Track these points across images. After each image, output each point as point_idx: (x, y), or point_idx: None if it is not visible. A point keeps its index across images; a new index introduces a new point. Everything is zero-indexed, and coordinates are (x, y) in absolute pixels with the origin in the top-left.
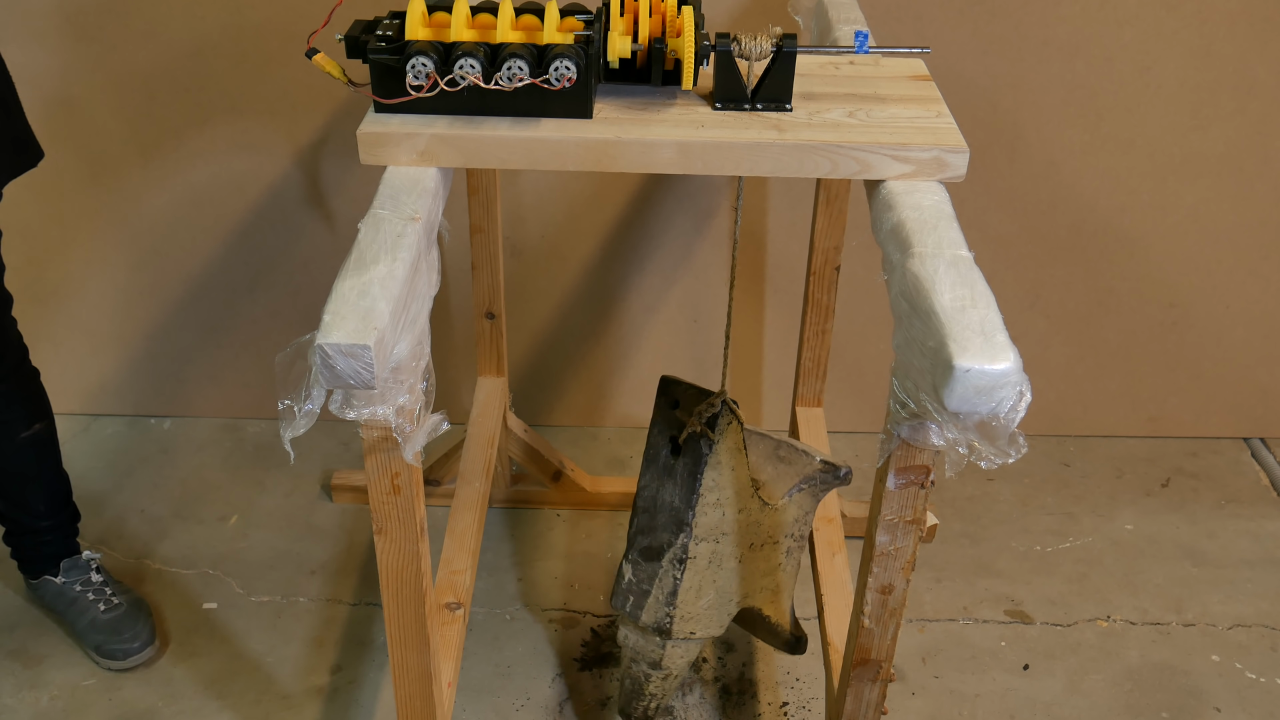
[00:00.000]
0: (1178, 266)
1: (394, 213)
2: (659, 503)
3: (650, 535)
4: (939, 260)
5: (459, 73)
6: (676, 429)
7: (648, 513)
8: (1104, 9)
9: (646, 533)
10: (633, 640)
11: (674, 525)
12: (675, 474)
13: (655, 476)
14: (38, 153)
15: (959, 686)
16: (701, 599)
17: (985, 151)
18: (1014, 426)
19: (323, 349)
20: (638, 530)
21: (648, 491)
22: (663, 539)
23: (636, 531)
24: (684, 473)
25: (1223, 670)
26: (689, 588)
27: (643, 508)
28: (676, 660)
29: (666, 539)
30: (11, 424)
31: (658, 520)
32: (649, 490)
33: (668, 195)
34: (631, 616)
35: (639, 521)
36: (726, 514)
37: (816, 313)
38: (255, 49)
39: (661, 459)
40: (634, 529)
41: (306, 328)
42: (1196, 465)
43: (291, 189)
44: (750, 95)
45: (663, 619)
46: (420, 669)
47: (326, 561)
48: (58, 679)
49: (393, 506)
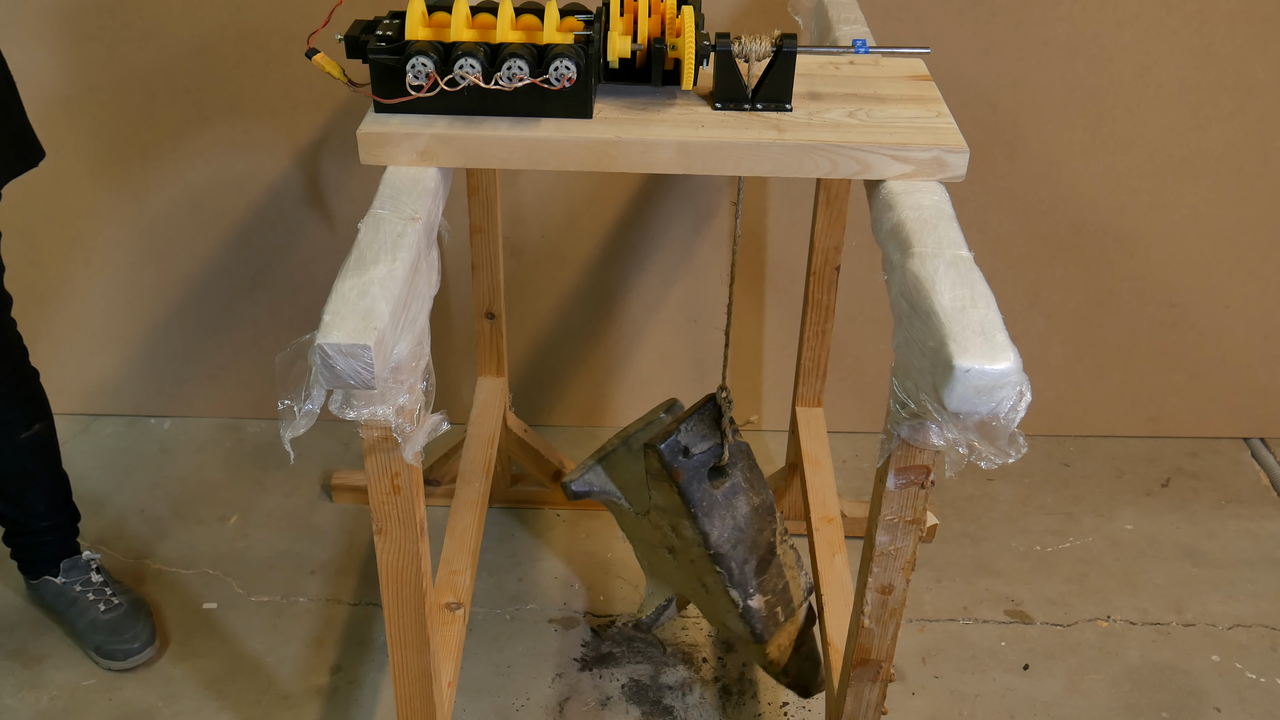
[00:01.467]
0: (1178, 266)
1: (394, 213)
2: (741, 534)
3: (748, 560)
4: (939, 260)
5: (459, 73)
6: (709, 454)
7: (732, 549)
8: (1104, 9)
9: (742, 564)
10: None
11: (761, 545)
12: (730, 493)
13: (716, 512)
14: (38, 153)
15: (959, 686)
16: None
17: (985, 151)
18: (1014, 426)
19: (323, 349)
20: (738, 567)
21: (719, 530)
22: (761, 550)
23: (737, 570)
24: (737, 487)
25: (1223, 670)
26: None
27: (724, 553)
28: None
29: (767, 543)
30: (11, 424)
31: (738, 552)
32: (720, 528)
33: (668, 195)
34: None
35: (733, 565)
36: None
37: (816, 313)
38: (255, 49)
39: (713, 494)
40: (733, 575)
41: (306, 328)
42: (1196, 465)
43: (291, 189)
44: (750, 95)
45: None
46: (420, 669)
47: (326, 561)
48: (58, 679)
49: (393, 506)
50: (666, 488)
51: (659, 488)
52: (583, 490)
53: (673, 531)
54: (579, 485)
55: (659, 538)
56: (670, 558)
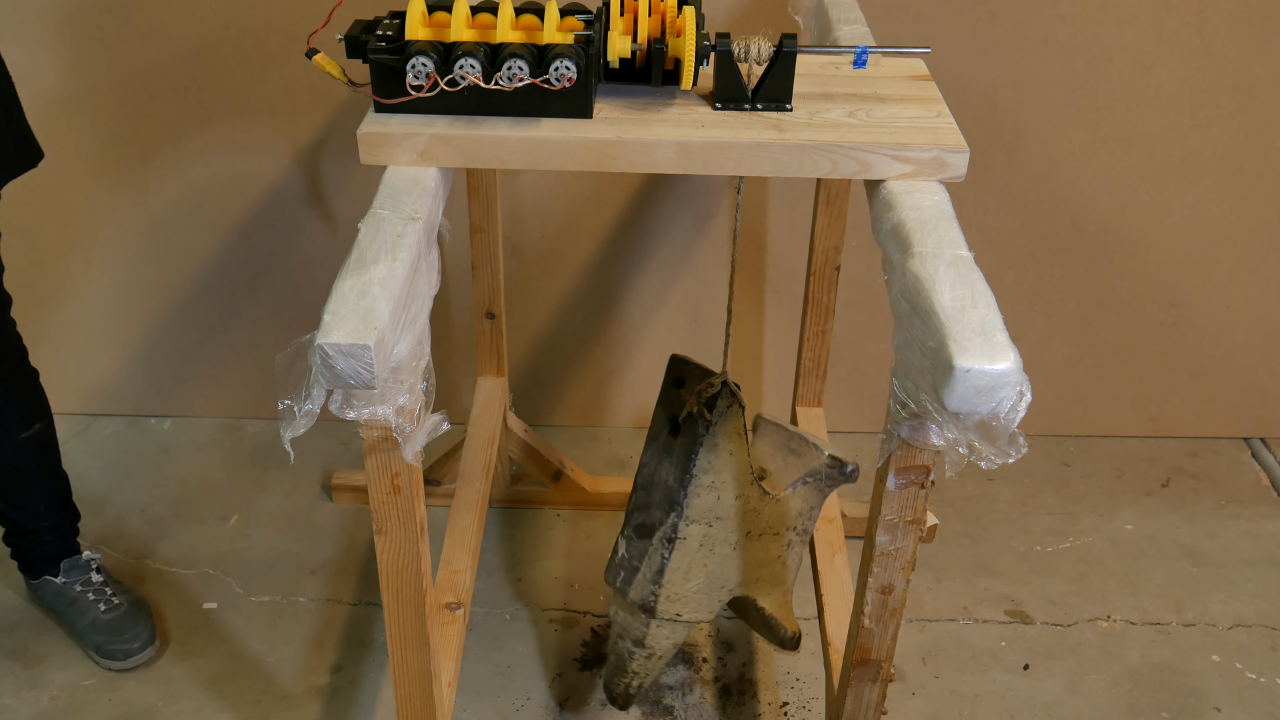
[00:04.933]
0: (1178, 266)
1: (394, 213)
2: (655, 480)
3: (645, 513)
4: (939, 260)
5: (459, 73)
6: (678, 408)
7: (645, 489)
8: (1104, 9)
9: (642, 509)
10: (621, 617)
11: (666, 504)
12: (672, 453)
13: (654, 455)
14: (38, 153)
15: (959, 686)
16: (690, 581)
17: (985, 151)
18: (1014, 426)
19: (323, 349)
20: (634, 506)
21: (647, 469)
22: (655, 517)
23: (633, 507)
24: (680, 453)
25: (1223, 670)
26: (677, 568)
27: (641, 484)
28: (661, 641)
29: (658, 517)
30: (11, 424)
31: (653, 498)
32: (648, 468)
33: (668, 195)
34: (620, 592)
35: (636, 498)
36: (722, 498)
37: (816, 313)
38: (255, 49)
39: (661, 438)
40: (631, 504)
41: (306, 328)
42: (1196, 465)
43: (291, 189)
44: (750, 95)
45: (648, 597)
46: (420, 669)
47: (326, 561)
48: (58, 679)
49: (393, 506)
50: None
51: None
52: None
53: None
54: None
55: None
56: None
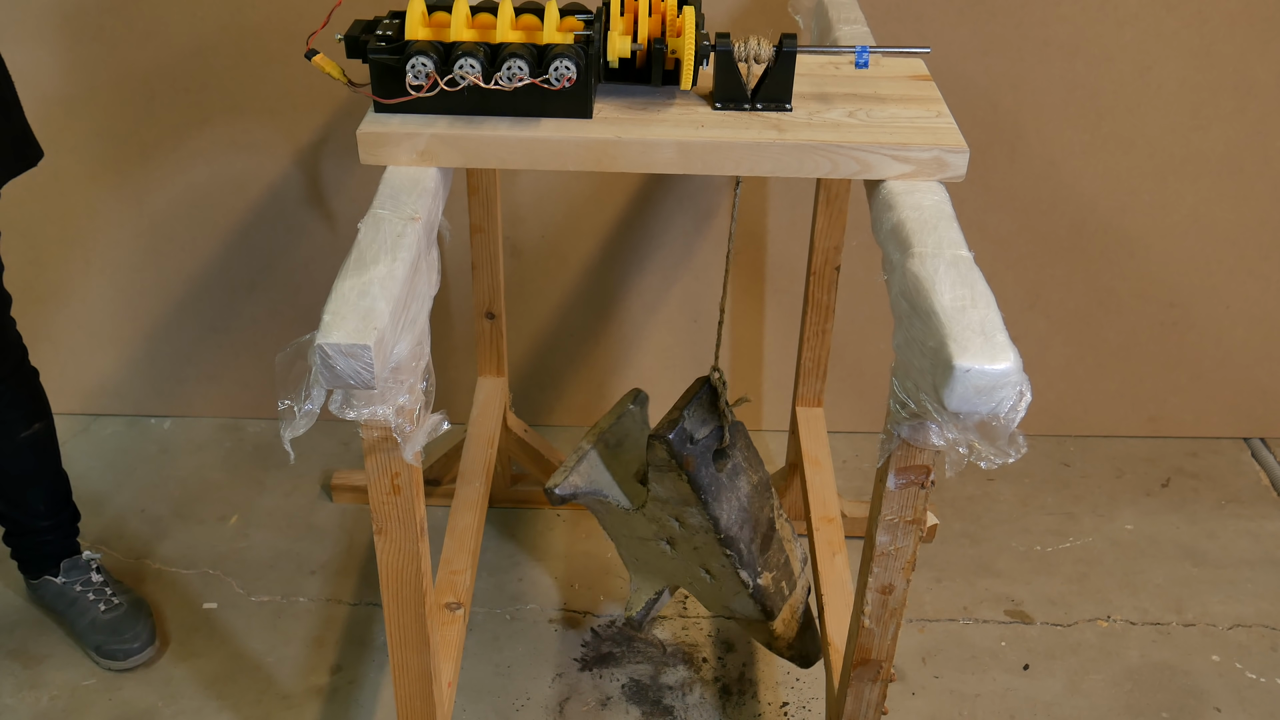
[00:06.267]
0: (1178, 266)
1: (394, 213)
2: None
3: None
4: (939, 260)
5: (459, 73)
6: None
7: None
8: (1104, 9)
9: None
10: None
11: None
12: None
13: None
14: (38, 152)
15: (959, 686)
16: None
17: (985, 151)
18: (1014, 426)
19: (323, 349)
20: None
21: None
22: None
23: None
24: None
25: (1223, 670)
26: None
27: None
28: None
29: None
30: (11, 424)
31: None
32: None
33: (668, 195)
34: None
35: None
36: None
37: (816, 313)
38: (255, 49)
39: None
40: None
41: (306, 328)
42: (1196, 465)
43: (291, 189)
44: (750, 95)
45: None
46: (420, 669)
47: (326, 561)
48: (58, 679)
49: (393, 506)
50: (674, 478)
51: (663, 479)
52: (567, 494)
53: (675, 521)
54: (563, 489)
55: (654, 531)
56: (667, 549)
